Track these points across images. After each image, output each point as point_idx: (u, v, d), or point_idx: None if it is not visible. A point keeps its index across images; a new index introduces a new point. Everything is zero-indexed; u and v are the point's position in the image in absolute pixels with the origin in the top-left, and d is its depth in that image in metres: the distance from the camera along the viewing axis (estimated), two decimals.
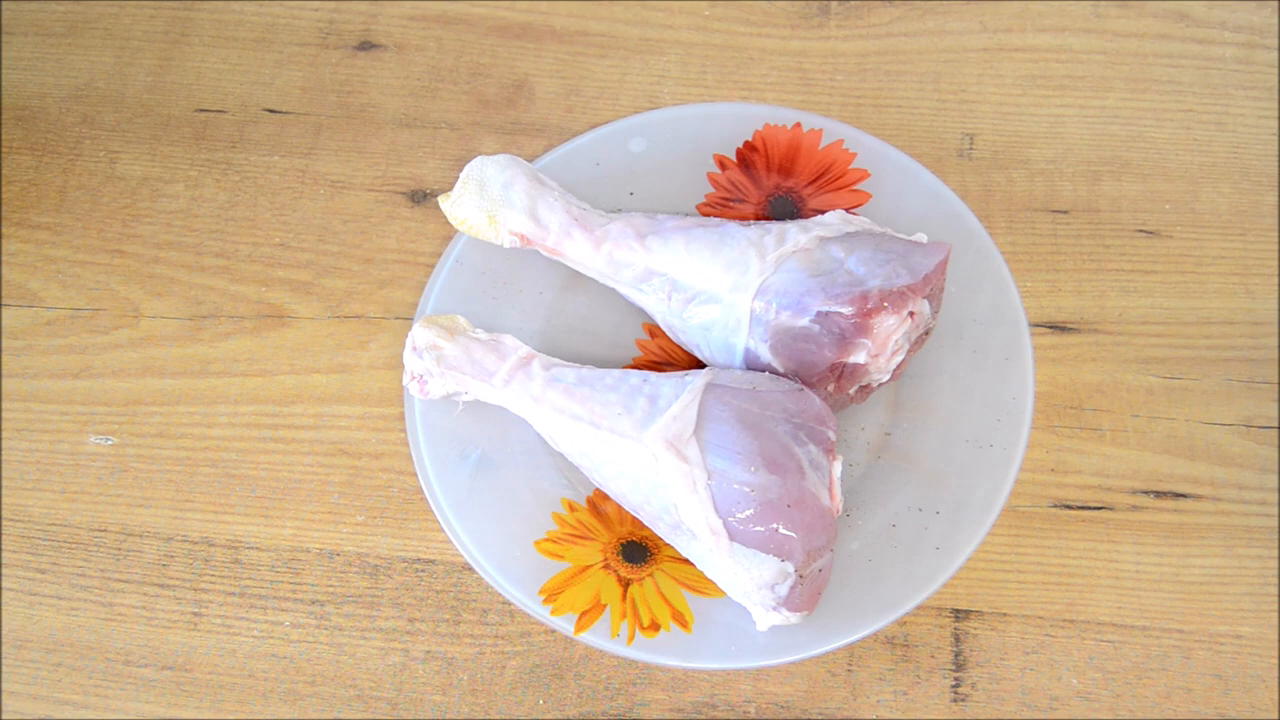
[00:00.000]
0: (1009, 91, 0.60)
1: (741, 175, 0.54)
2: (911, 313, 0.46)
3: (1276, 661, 0.47)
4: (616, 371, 0.47)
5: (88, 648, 0.49)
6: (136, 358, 0.55)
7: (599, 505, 0.48)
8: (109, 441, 0.53)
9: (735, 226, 0.49)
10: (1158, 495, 0.50)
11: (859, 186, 0.54)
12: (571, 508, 0.48)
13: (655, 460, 0.43)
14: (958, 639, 0.48)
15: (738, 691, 0.47)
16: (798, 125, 0.55)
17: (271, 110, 0.61)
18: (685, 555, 0.45)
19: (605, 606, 0.46)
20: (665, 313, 0.49)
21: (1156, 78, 0.60)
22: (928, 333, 0.48)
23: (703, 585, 0.46)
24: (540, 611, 0.45)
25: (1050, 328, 0.54)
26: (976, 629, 0.48)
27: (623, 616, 0.45)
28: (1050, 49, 0.61)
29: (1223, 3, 0.61)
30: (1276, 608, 0.48)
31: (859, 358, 0.45)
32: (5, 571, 0.51)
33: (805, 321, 0.45)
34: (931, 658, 0.47)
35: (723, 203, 0.54)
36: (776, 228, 0.48)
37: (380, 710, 0.47)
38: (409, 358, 0.49)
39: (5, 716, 0.48)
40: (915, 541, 0.46)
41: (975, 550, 0.46)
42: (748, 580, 0.42)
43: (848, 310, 0.44)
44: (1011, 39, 0.61)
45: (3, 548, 0.51)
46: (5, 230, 0.58)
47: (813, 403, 0.44)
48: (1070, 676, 0.47)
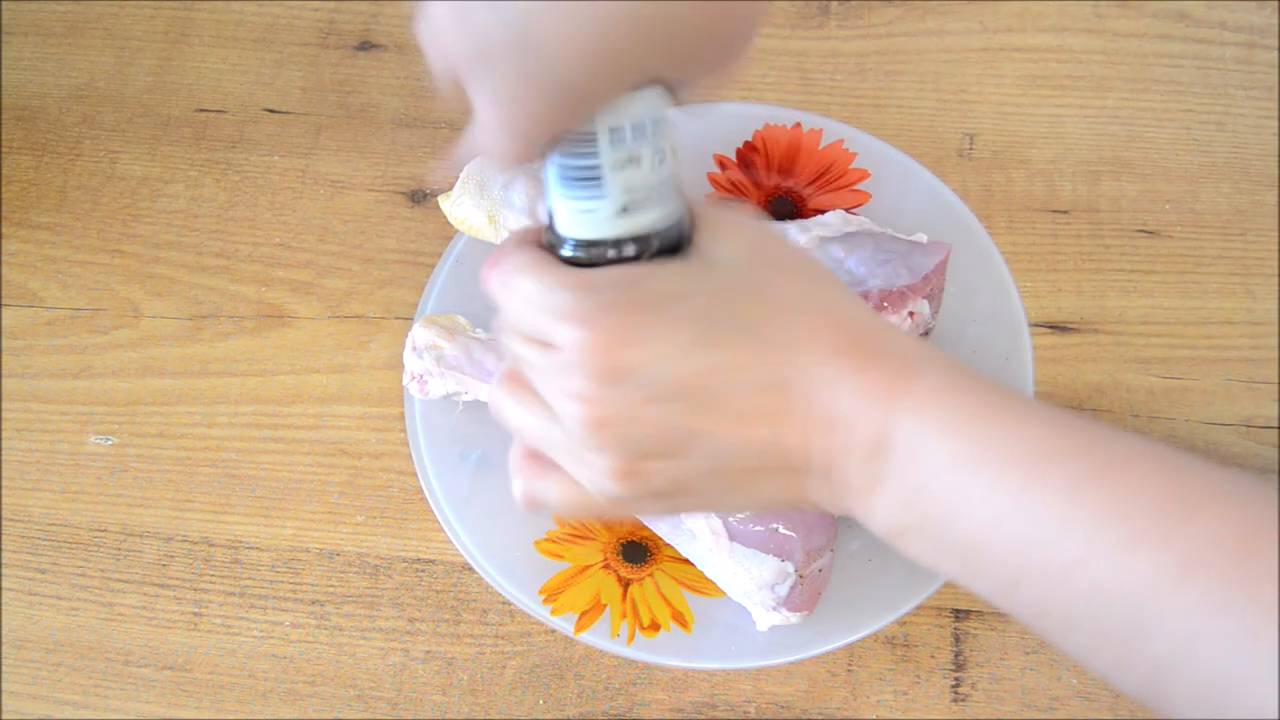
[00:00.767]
0: (1009, 91, 0.60)
1: (741, 175, 0.54)
2: (911, 313, 0.46)
3: (1277, 660, 0.47)
4: None
5: (88, 648, 0.49)
6: (136, 358, 0.55)
7: None
8: (109, 441, 0.53)
9: None
10: None
11: (859, 186, 0.54)
12: None
13: None
14: (958, 639, 0.48)
15: (738, 691, 0.47)
16: (798, 125, 0.55)
17: (271, 110, 0.61)
18: (685, 555, 0.45)
19: (605, 606, 0.46)
20: None
21: (1156, 78, 0.60)
22: (928, 333, 0.48)
23: (703, 585, 0.46)
24: (540, 611, 0.45)
25: (1050, 328, 0.54)
26: (976, 629, 0.48)
27: (623, 616, 0.45)
28: (1050, 49, 0.61)
29: (1223, 3, 0.61)
30: (1276, 607, 0.48)
31: None
32: (5, 571, 0.51)
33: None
34: (931, 658, 0.47)
35: (723, 202, 0.54)
36: (777, 227, 0.48)
37: (380, 710, 0.47)
38: (409, 358, 0.49)
39: (5, 716, 0.48)
40: None
41: None
42: (748, 580, 0.42)
43: None
44: (1011, 39, 0.61)
45: (3, 548, 0.51)
46: (5, 230, 0.58)
47: None
48: (1070, 676, 0.47)
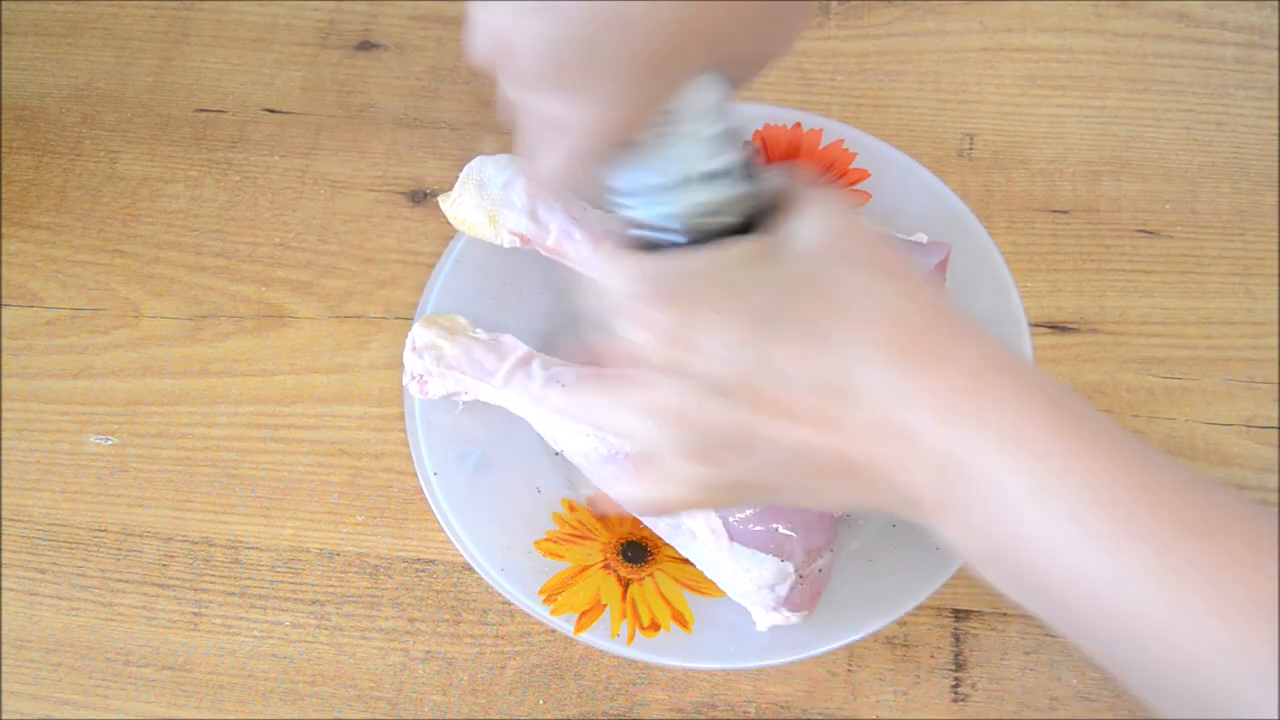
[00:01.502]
0: (1009, 91, 0.60)
1: None
2: None
3: (1276, 660, 0.47)
4: None
5: (88, 648, 0.49)
6: (136, 358, 0.55)
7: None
8: (109, 441, 0.53)
9: None
10: None
11: (859, 186, 0.54)
12: (571, 508, 0.48)
13: None
14: (958, 639, 0.48)
15: (738, 691, 0.47)
16: (798, 125, 0.55)
17: (271, 110, 0.61)
18: (685, 555, 0.45)
19: (605, 606, 0.46)
20: None
21: (1156, 78, 0.60)
22: None
23: (703, 585, 0.46)
24: (540, 611, 0.45)
25: (1050, 328, 0.54)
26: (976, 629, 0.48)
27: (623, 616, 0.45)
28: (1050, 49, 0.61)
29: (1223, 3, 0.61)
30: (1276, 607, 0.48)
31: None
32: (5, 571, 0.51)
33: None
34: (931, 658, 0.47)
35: None
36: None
37: (380, 710, 0.47)
38: (409, 358, 0.49)
39: (5, 716, 0.48)
40: (915, 541, 0.46)
41: None
42: (748, 580, 0.42)
43: None
44: (1011, 39, 0.61)
45: (3, 548, 0.51)
46: (5, 230, 0.58)
47: None
48: (1070, 676, 0.47)
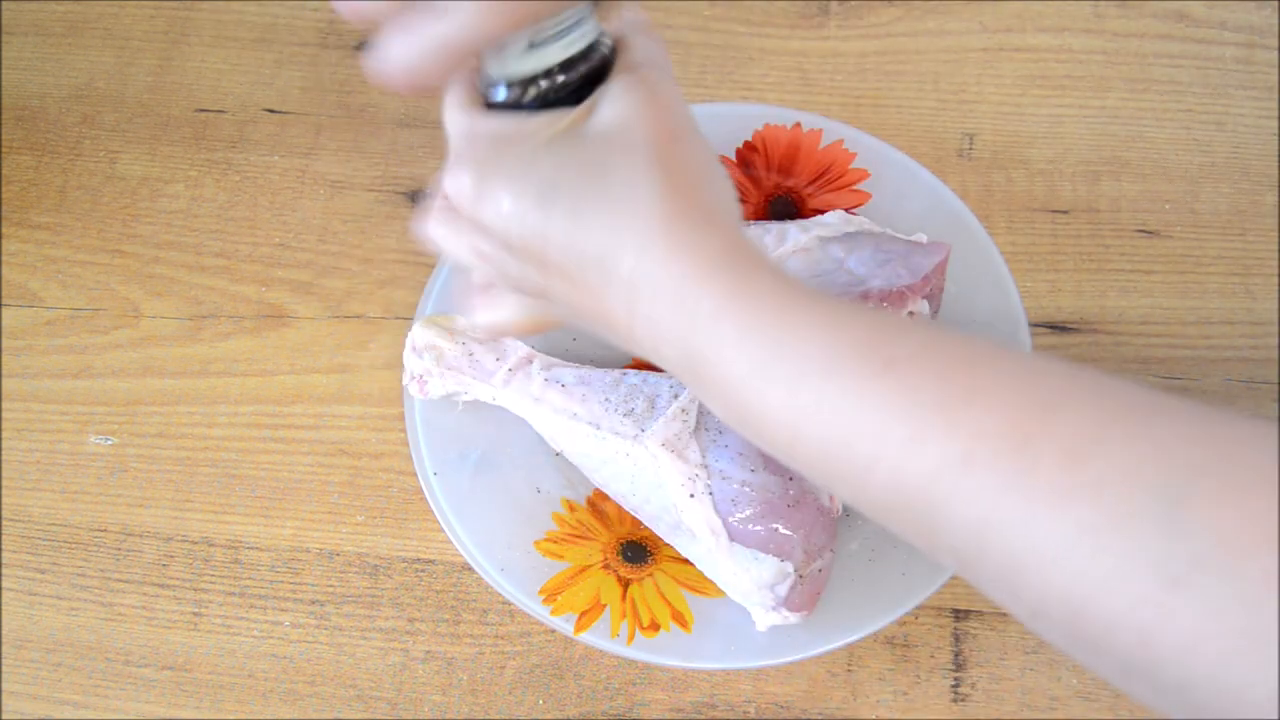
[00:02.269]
0: (1009, 91, 0.60)
1: (741, 175, 0.54)
2: (911, 312, 0.46)
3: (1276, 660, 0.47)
4: (616, 371, 0.47)
5: (88, 648, 0.49)
6: (136, 358, 0.55)
7: (599, 505, 0.48)
8: (109, 441, 0.53)
9: None
10: None
11: (859, 186, 0.54)
12: (571, 508, 0.48)
13: (655, 460, 0.43)
14: (958, 639, 0.48)
15: (738, 691, 0.47)
16: (797, 125, 0.55)
17: (271, 110, 0.61)
18: (685, 555, 0.45)
19: (605, 606, 0.46)
20: None
21: (1156, 78, 0.60)
22: None
23: (703, 585, 0.46)
24: (540, 611, 0.45)
25: (1050, 328, 0.54)
26: (976, 629, 0.48)
27: (622, 616, 0.45)
28: (1050, 49, 0.61)
29: (1223, 3, 0.61)
30: (1276, 607, 0.48)
31: None
32: (5, 571, 0.51)
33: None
34: (931, 658, 0.47)
35: None
36: (776, 227, 0.48)
37: (380, 710, 0.47)
38: (409, 358, 0.49)
39: (5, 716, 0.48)
40: None
41: None
42: (747, 580, 0.42)
43: None
44: (1011, 39, 0.61)
45: (3, 548, 0.51)
46: (5, 230, 0.58)
47: None
48: (1070, 676, 0.47)
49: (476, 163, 0.33)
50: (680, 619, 0.45)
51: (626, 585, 0.46)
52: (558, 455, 0.49)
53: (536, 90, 0.33)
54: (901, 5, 0.62)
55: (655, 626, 0.45)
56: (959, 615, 0.48)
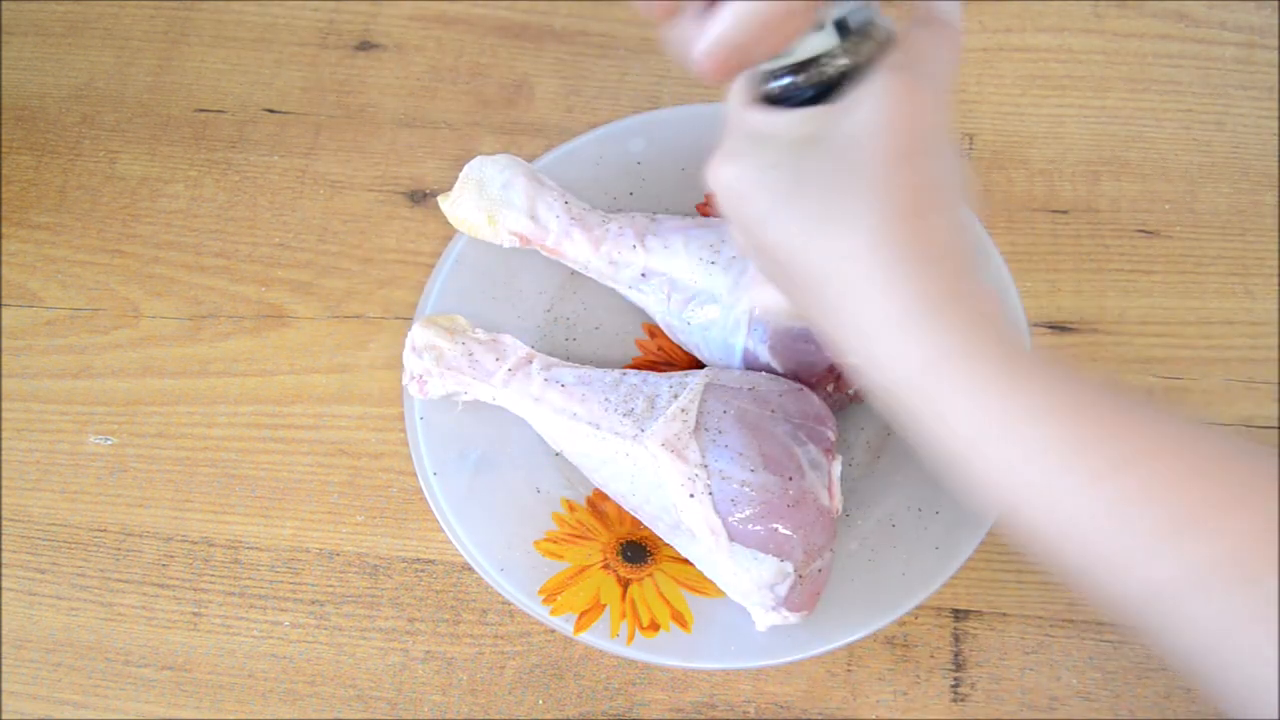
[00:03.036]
0: (1009, 91, 0.60)
1: None
2: None
3: (1276, 660, 0.47)
4: (616, 371, 0.47)
5: (88, 648, 0.49)
6: (136, 358, 0.55)
7: (599, 505, 0.48)
8: (109, 441, 0.53)
9: None
10: None
11: None
12: (571, 508, 0.48)
13: (654, 460, 0.43)
14: (958, 639, 0.48)
15: (737, 691, 0.47)
16: None
17: (271, 110, 0.61)
18: (685, 555, 0.45)
19: (605, 606, 0.46)
20: (664, 313, 0.49)
21: (1156, 78, 0.60)
22: None
23: (703, 585, 0.46)
24: (540, 611, 0.45)
25: (1050, 328, 0.54)
26: (976, 629, 0.48)
27: (622, 616, 0.45)
28: (1050, 49, 0.61)
29: (1223, 3, 0.61)
30: (1276, 607, 0.48)
31: None
32: (5, 571, 0.51)
33: (804, 322, 0.45)
34: (931, 658, 0.47)
35: None
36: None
37: (380, 710, 0.47)
38: (408, 358, 0.49)
39: (5, 716, 0.48)
40: (915, 541, 0.46)
41: (975, 550, 0.46)
42: (747, 580, 0.42)
43: None
44: (1011, 39, 0.61)
45: (3, 548, 0.51)
46: (5, 230, 0.58)
47: (812, 403, 0.44)
48: (1070, 676, 0.47)
49: (733, 157, 0.33)
50: (680, 619, 0.45)
51: (626, 585, 0.46)
52: (558, 455, 0.49)
53: (796, 81, 0.32)
54: (901, 5, 0.62)
55: (655, 626, 0.45)
56: (959, 615, 0.48)
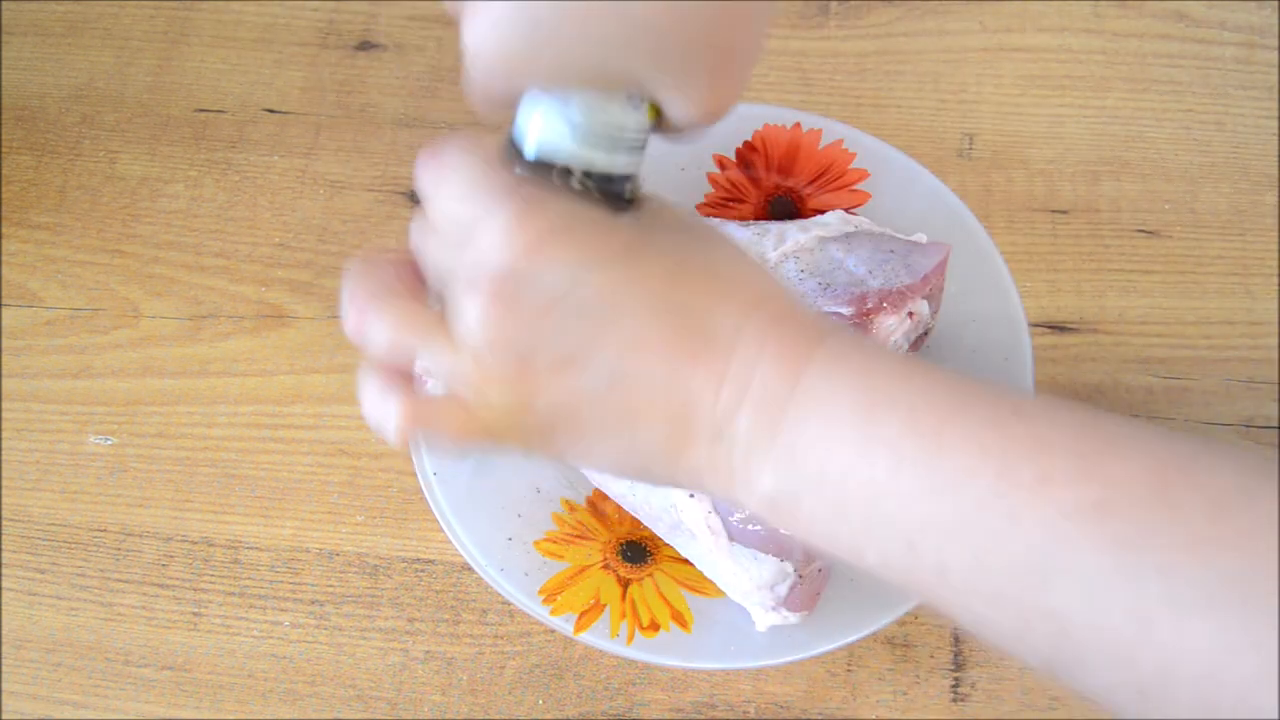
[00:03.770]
0: (1009, 91, 0.60)
1: (741, 175, 0.54)
2: (911, 313, 0.46)
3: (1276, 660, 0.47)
4: None
5: (87, 648, 0.49)
6: (136, 358, 0.55)
7: (598, 505, 0.48)
8: (109, 441, 0.53)
9: (735, 227, 0.49)
10: None
11: (859, 186, 0.54)
12: (571, 508, 0.48)
13: None
14: (957, 639, 0.48)
15: (737, 691, 0.47)
16: (797, 125, 0.55)
17: (271, 110, 0.61)
18: (685, 555, 0.45)
19: (605, 606, 0.46)
20: None
21: (1156, 78, 0.60)
22: (927, 333, 0.48)
23: (702, 585, 0.46)
24: (540, 611, 0.45)
25: (1050, 328, 0.54)
26: None
27: (622, 616, 0.45)
28: (1050, 49, 0.61)
29: (1223, 3, 0.61)
30: (1276, 607, 0.48)
31: None
32: (5, 571, 0.51)
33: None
34: (931, 658, 0.47)
35: (722, 202, 0.54)
36: (776, 227, 0.48)
37: (380, 710, 0.47)
38: None
39: (5, 716, 0.48)
40: None
41: None
42: (747, 580, 0.42)
43: (847, 310, 0.44)
44: (1011, 39, 0.61)
45: (3, 548, 0.51)
46: (5, 230, 0.58)
47: None
48: None
49: (532, 213, 0.31)
50: (680, 619, 0.45)
51: (626, 585, 0.46)
52: None
53: (592, 179, 0.32)
54: (901, 5, 0.62)
55: (655, 626, 0.45)
56: None
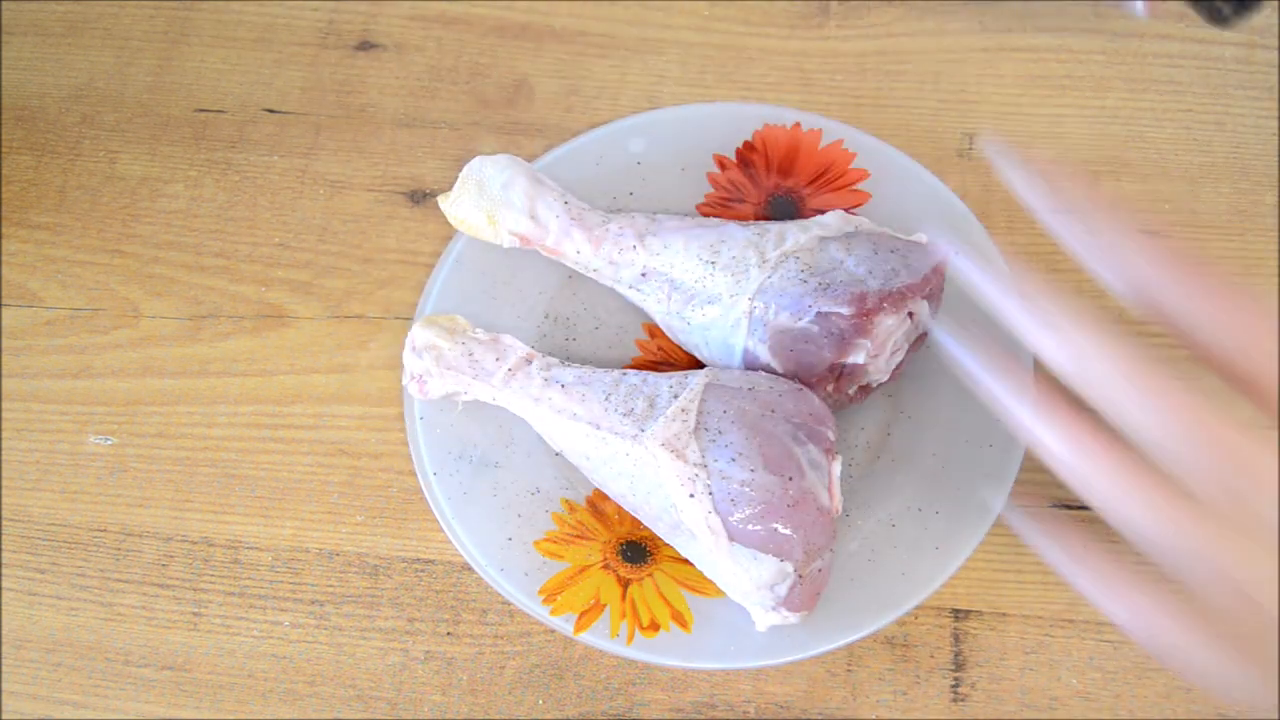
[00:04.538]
0: (1009, 91, 0.60)
1: (741, 175, 0.54)
2: (911, 313, 0.46)
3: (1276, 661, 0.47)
4: (616, 371, 0.47)
5: (87, 648, 0.49)
6: (136, 358, 0.55)
7: (599, 505, 0.48)
8: (109, 441, 0.53)
9: (735, 226, 0.49)
10: None
11: (859, 186, 0.54)
12: (571, 508, 0.48)
13: (654, 460, 0.43)
14: (957, 639, 0.48)
15: (737, 691, 0.47)
16: (797, 125, 0.55)
17: (271, 110, 0.61)
18: (685, 555, 0.45)
19: (605, 606, 0.46)
20: (664, 313, 0.49)
21: (1156, 78, 0.60)
22: (927, 333, 0.48)
23: (702, 585, 0.46)
24: (540, 611, 0.45)
25: None
26: (976, 629, 0.48)
27: (622, 616, 0.45)
28: (1050, 49, 0.61)
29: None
30: (1276, 607, 0.48)
31: (858, 358, 0.45)
32: (5, 571, 0.51)
33: (804, 322, 0.45)
34: (931, 658, 0.47)
35: (722, 203, 0.54)
36: (776, 228, 0.48)
37: (380, 710, 0.47)
38: (408, 358, 0.49)
39: (5, 716, 0.48)
40: (915, 541, 0.46)
41: (975, 550, 0.46)
42: (747, 580, 0.42)
43: (847, 310, 0.44)
44: (1011, 39, 0.61)
45: (3, 548, 0.51)
46: (5, 230, 0.58)
47: (812, 403, 0.44)
48: (1070, 676, 0.47)
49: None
50: (680, 619, 0.45)
51: (626, 585, 0.46)
52: (558, 455, 0.49)
53: None
54: (901, 5, 0.62)
55: (655, 626, 0.45)
56: (959, 615, 0.48)
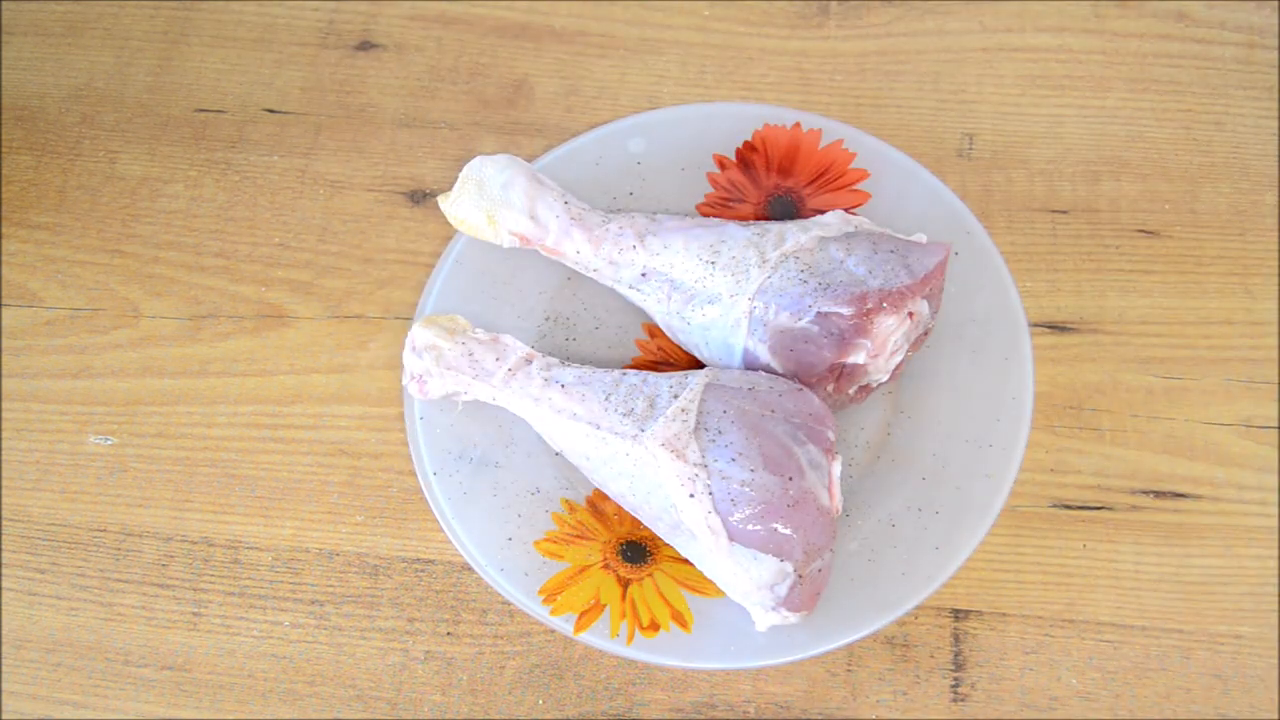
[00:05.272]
0: (1009, 91, 0.60)
1: (741, 175, 0.54)
2: (910, 313, 0.46)
3: (1276, 661, 0.47)
4: (615, 371, 0.47)
5: (87, 648, 0.49)
6: (136, 358, 0.55)
7: (598, 505, 0.48)
8: (109, 441, 0.53)
9: (735, 227, 0.49)
10: (1157, 495, 0.50)
11: (858, 186, 0.54)
12: (571, 508, 0.48)
13: (654, 460, 0.43)
14: (957, 639, 0.48)
15: (737, 691, 0.47)
16: (797, 125, 0.55)
17: (271, 110, 0.61)
18: (685, 555, 0.45)
19: (605, 606, 0.46)
20: (664, 313, 0.49)
21: (1156, 78, 0.60)
22: (927, 333, 0.48)
23: (702, 585, 0.46)
24: (540, 611, 0.45)
25: (1050, 328, 0.54)
26: (976, 629, 0.48)
27: (622, 616, 0.45)
28: (1050, 49, 0.61)
29: (1223, 3, 0.61)
30: (1276, 608, 0.48)
31: (858, 358, 0.45)
32: (5, 571, 0.51)
33: (804, 322, 0.45)
34: (931, 658, 0.47)
35: (722, 203, 0.54)
36: (776, 228, 0.48)
37: (380, 710, 0.47)
38: (408, 358, 0.49)
39: (5, 716, 0.48)
40: (915, 541, 0.46)
41: (975, 550, 0.46)
42: (747, 580, 0.42)
43: (847, 310, 0.44)
44: (1011, 39, 0.61)
45: (3, 548, 0.51)
46: (5, 230, 0.58)
47: (812, 403, 0.44)
48: (1070, 676, 0.47)
49: None
50: (680, 619, 0.45)
51: (626, 585, 0.46)
52: (558, 455, 0.49)
53: None
54: (901, 5, 0.62)
55: (655, 626, 0.45)
56: (959, 615, 0.48)
